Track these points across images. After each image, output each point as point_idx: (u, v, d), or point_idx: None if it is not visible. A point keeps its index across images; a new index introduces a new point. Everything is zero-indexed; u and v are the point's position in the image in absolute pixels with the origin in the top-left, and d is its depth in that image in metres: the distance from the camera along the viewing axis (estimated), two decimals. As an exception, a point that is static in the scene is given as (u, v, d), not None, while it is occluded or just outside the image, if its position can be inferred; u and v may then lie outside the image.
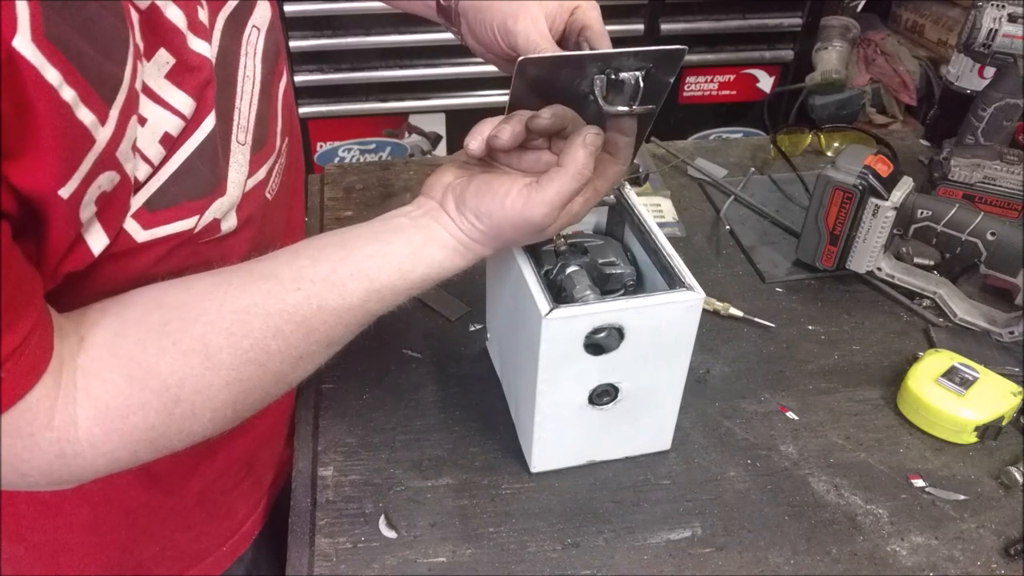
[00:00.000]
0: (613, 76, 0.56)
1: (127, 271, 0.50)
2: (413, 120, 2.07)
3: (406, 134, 2.10)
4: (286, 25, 1.83)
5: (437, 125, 2.08)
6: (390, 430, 0.74)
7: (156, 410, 0.47)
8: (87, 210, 0.44)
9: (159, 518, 0.66)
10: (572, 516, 0.67)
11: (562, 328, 0.60)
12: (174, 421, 0.48)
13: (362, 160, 2.08)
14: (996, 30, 0.93)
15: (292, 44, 1.88)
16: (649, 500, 0.69)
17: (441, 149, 2.13)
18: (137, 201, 0.48)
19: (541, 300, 0.59)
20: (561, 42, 0.63)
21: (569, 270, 0.65)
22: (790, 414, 0.77)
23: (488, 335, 0.82)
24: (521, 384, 0.69)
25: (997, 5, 0.93)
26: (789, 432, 0.75)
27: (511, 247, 0.63)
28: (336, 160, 2.09)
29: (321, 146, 2.08)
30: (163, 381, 0.47)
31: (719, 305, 0.87)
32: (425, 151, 2.13)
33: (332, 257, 0.54)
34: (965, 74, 1.09)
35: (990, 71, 0.99)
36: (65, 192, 0.41)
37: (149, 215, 0.48)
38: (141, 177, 0.47)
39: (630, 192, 0.71)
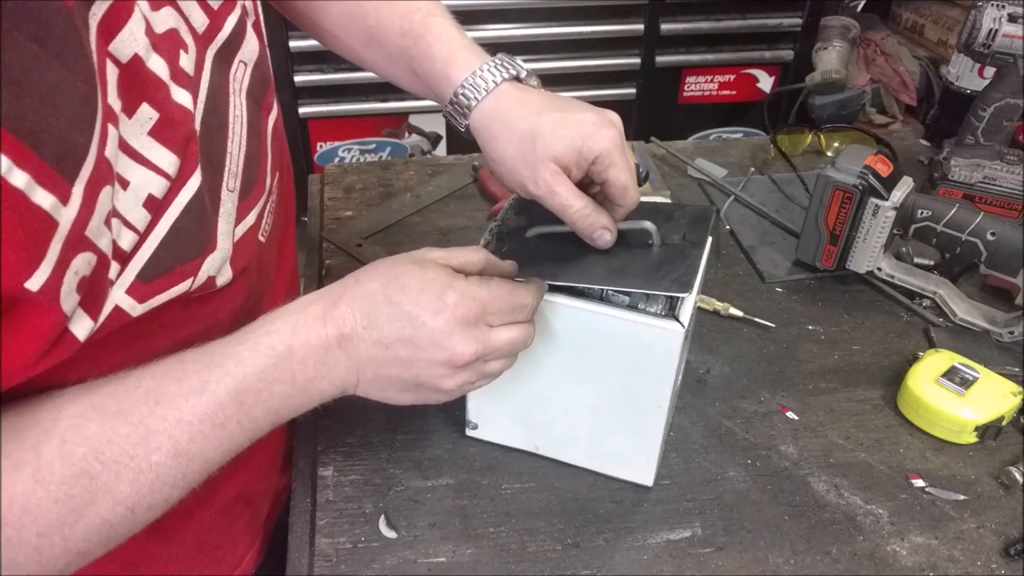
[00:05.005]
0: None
1: (116, 339, 0.47)
2: (413, 120, 2.08)
3: (406, 134, 2.10)
4: (286, 25, 1.83)
5: (437, 125, 2.08)
6: (390, 430, 0.74)
7: None
8: (69, 300, 0.40)
9: (158, 566, 0.63)
10: (572, 516, 0.67)
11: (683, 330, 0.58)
12: None
13: (362, 160, 2.08)
14: (996, 30, 0.93)
15: (292, 44, 1.88)
16: (649, 500, 0.69)
17: (441, 149, 2.14)
18: (129, 275, 0.44)
19: (657, 320, 0.58)
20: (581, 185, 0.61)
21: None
22: (790, 414, 0.77)
23: (474, 421, 0.72)
24: (621, 416, 0.65)
25: (997, 5, 0.93)
26: (789, 432, 0.75)
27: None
28: (336, 160, 2.10)
29: (321, 146, 2.08)
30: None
31: (719, 305, 0.87)
32: (425, 151, 2.13)
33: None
34: (965, 74, 1.09)
35: (990, 71, 0.99)
36: (34, 284, 0.37)
37: (143, 287, 0.45)
38: (126, 246, 0.44)
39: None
